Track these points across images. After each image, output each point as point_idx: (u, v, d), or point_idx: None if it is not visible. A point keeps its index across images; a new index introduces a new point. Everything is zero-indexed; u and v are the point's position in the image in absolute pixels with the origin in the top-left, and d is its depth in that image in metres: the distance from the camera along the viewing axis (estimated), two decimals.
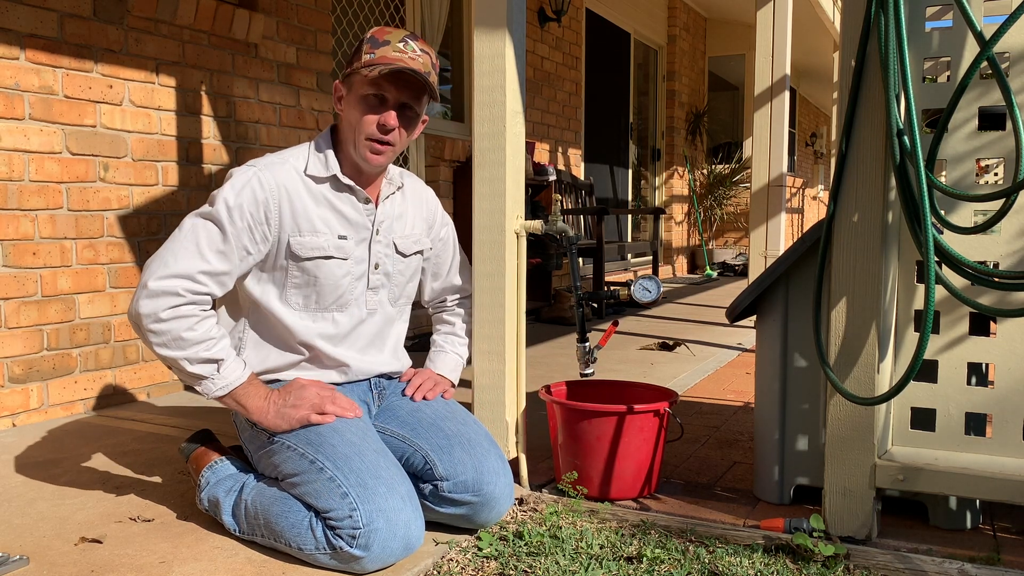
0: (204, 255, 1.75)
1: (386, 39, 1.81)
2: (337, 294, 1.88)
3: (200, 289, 1.75)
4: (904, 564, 1.68)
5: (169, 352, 1.73)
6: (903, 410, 1.86)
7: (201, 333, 1.73)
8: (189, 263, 1.74)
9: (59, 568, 1.68)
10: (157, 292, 1.71)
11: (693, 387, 3.42)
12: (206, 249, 1.75)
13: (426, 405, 1.95)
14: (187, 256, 1.74)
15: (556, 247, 5.11)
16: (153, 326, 1.71)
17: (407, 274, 2.01)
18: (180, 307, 1.72)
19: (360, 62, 1.80)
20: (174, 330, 1.71)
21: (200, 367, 1.74)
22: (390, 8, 4.84)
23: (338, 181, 1.86)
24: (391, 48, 1.80)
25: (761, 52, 4.55)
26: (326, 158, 1.87)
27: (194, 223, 1.77)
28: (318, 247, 1.83)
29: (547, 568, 1.66)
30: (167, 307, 1.71)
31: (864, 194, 1.77)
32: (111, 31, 3.02)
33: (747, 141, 10.73)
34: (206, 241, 1.76)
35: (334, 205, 1.86)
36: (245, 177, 1.79)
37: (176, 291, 1.72)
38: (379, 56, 1.79)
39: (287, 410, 1.77)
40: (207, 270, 1.75)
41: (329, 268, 1.85)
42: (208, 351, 1.74)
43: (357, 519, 1.60)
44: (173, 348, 1.72)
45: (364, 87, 1.80)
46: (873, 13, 1.70)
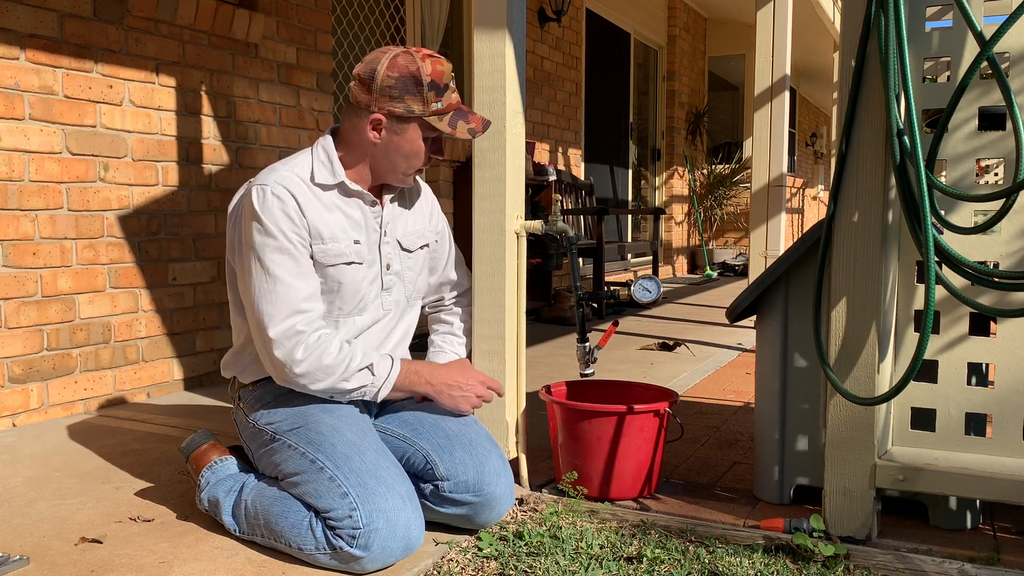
0: (292, 284, 1.76)
1: (445, 82, 1.81)
2: (358, 298, 1.89)
3: (312, 315, 1.78)
4: (904, 564, 1.68)
5: (324, 384, 1.76)
6: (903, 410, 1.86)
7: (337, 351, 1.76)
8: (288, 299, 1.75)
9: (59, 568, 1.68)
10: (282, 338, 1.74)
11: (693, 387, 3.42)
12: (290, 278, 1.76)
13: (427, 405, 1.95)
14: (281, 295, 1.75)
15: (556, 247, 5.11)
16: (297, 369, 1.74)
17: (416, 269, 2.02)
18: (308, 341, 1.74)
19: (429, 109, 1.80)
20: (313, 362, 1.74)
21: (357, 379, 1.78)
22: (390, 8, 4.84)
23: (346, 187, 1.86)
24: (453, 92, 1.84)
25: (761, 52, 4.55)
26: (332, 165, 1.85)
27: (265, 260, 1.76)
28: (340, 253, 1.84)
29: (547, 568, 1.66)
30: (300, 346, 1.74)
31: (864, 194, 1.77)
32: (111, 31, 3.02)
33: (747, 141, 10.73)
34: (285, 272, 1.76)
35: (344, 211, 1.86)
36: (268, 199, 1.76)
37: (296, 329, 1.74)
38: (446, 104, 1.82)
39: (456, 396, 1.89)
40: (305, 295, 1.78)
41: (351, 273, 1.86)
42: (354, 362, 1.77)
43: (357, 519, 1.60)
44: (322, 378, 1.75)
45: (432, 131, 1.84)
46: (873, 13, 1.70)
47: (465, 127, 1.84)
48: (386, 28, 4.83)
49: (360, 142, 1.85)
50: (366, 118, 1.82)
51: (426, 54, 1.81)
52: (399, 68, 1.78)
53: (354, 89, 1.84)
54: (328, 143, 1.88)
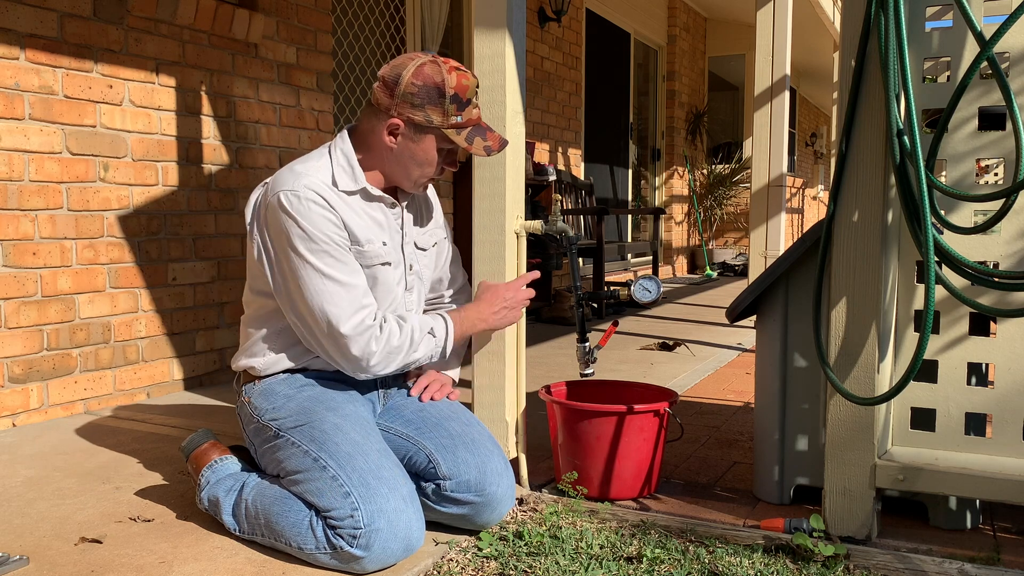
0: (348, 283, 1.79)
1: (468, 97, 1.81)
2: (391, 298, 1.91)
3: (373, 307, 1.83)
4: (904, 564, 1.69)
5: (398, 363, 1.85)
6: (903, 410, 1.86)
7: (399, 332, 1.84)
8: (350, 297, 1.79)
9: (59, 568, 1.68)
10: (355, 333, 1.79)
11: (693, 387, 3.42)
12: (345, 277, 1.79)
13: (431, 405, 1.95)
14: (342, 294, 1.78)
15: (556, 247, 5.11)
16: (374, 360, 1.81)
17: (431, 268, 2.06)
18: (377, 333, 1.80)
19: (448, 121, 1.81)
20: (386, 348, 1.81)
21: (424, 347, 1.87)
22: (390, 8, 4.84)
23: (368, 192, 1.87)
24: (473, 106, 1.84)
25: (761, 52, 4.55)
26: (353, 171, 1.85)
27: (314, 267, 1.77)
28: (376, 255, 1.86)
29: (547, 568, 1.66)
30: (372, 340, 1.80)
31: (864, 194, 1.78)
32: (111, 31, 3.02)
33: (747, 141, 10.73)
34: (339, 273, 1.78)
35: (370, 214, 1.87)
36: (302, 204, 1.76)
37: (366, 324, 1.80)
38: (466, 119, 1.83)
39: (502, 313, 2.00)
40: (363, 291, 1.81)
41: (386, 274, 1.88)
42: (418, 333, 1.85)
43: (358, 519, 1.60)
44: (394, 359, 1.83)
45: (448, 144, 1.85)
46: (873, 13, 1.70)
47: (482, 144, 1.85)
48: (386, 28, 4.83)
49: (377, 145, 1.86)
50: (384, 121, 1.82)
51: (453, 66, 1.81)
52: (424, 77, 1.78)
53: (377, 91, 1.83)
54: (347, 146, 1.87)
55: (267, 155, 3.69)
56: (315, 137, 3.93)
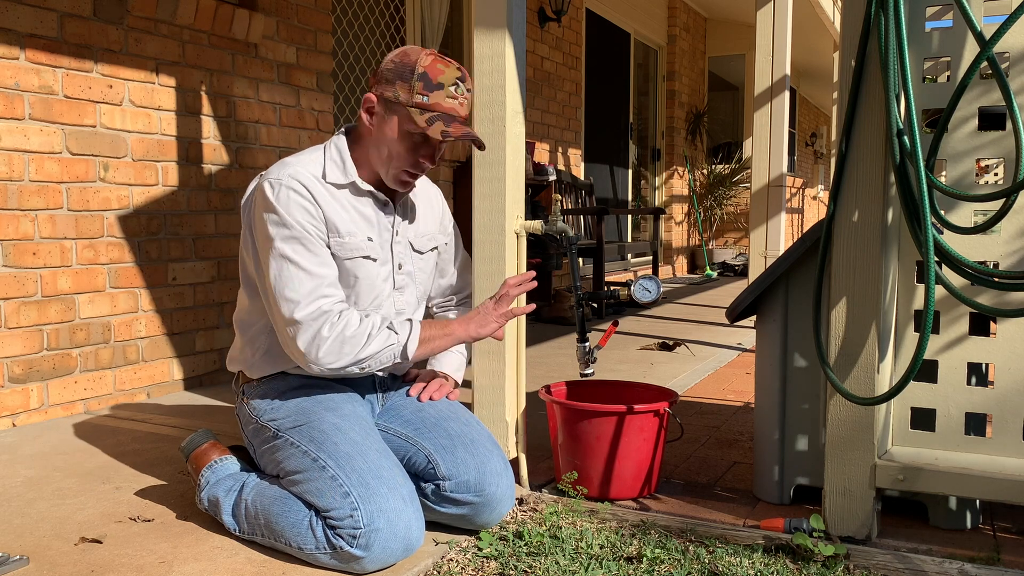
0: (314, 273, 1.76)
1: (440, 81, 1.78)
2: (373, 295, 1.89)
3: (336, 298, 1.77)
4: (904, 564, 1.69)
5: (346, 358, 1.74)
6: (903, 410, 1.86)
7: (356, 323, 1.75)
8: (311, 286, 1.75)
9: (59, 568, 1.68)
10: (309, 319, 1.73)
11: (693, 387, 3.42)
12: (312, 267, 1.76)
13: (430, 405, 1.95)
14: (304, 282, 1.75)
15: (556, 247, 5.11)
16: (323, 348, 1.73)
17: (427, 271, 2.03)
18: (332, 319, 1.74)
19: (411, 97, 1.78)
20: (337, 336, 1.73)
21: (380, 339, 1.76)
22: (390, 8, 4.84)
23: (357, 187, 1.86)
24: (446, 93, 1.78)
25: (761, 52, 4.55)
26: (343, 164, 1.86)
27: (282, 252, 1.75)
28: (356, 247, 1.84)
29: (547, 568, 1.66)
30: (326, 324, 1.73)
31: (864, 194, 1.77)
32: (111, 31, 3.02)
33: (747, 141, 10.73)
34: (307, 262, 1.76)
35: (357, 209, 1.86)
36: (283, 193, 1.76)
37: (322, 310, 1.74)
38: (433, 102, 1.78)
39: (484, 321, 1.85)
40: (328, 282, 1.78)
41: (368, 269, 1.86)
42: (374, 326, 1.76)
43: (358, 519, 1.60)
44: (347, 351, 1.74)
45: (410, 124, 1.80)
46: (873, 13, 1.70)
47: (440, 128, 1.78)
48: (386, 28, 4.83)
49: (364, 134, 1.87)
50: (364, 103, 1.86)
51: (437, 55, 1.82)
52: (402, 56, 1.82)
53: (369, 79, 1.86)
54: (341, 142, 1.89)
55: (267, 155, 3.69)
56: (315, 137, 3.93)
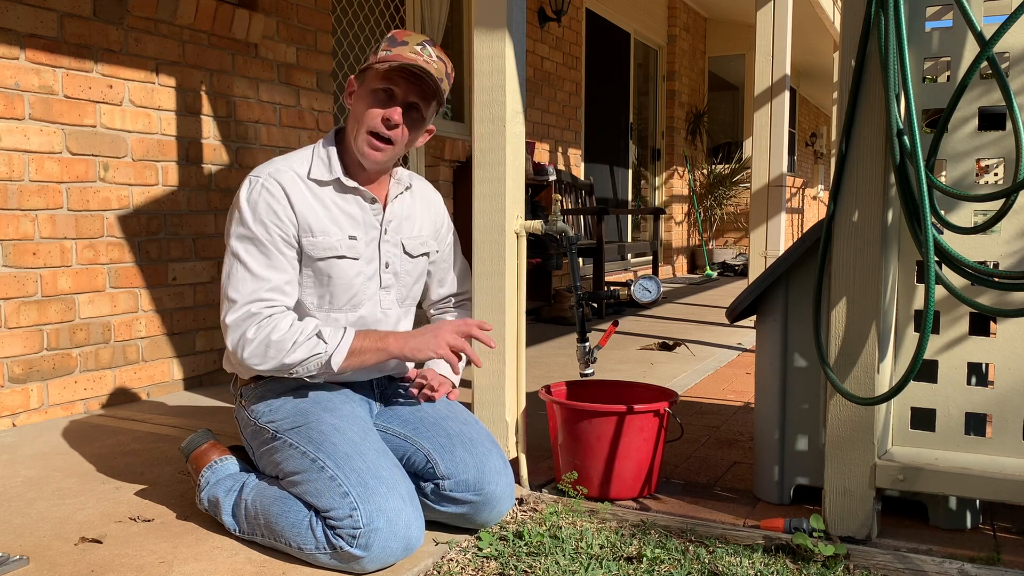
0: (259, 275, 1.78)
1: (404, 40, 1.84)
2: (350, 294, 1.89)
3: (272, 305, 1.78)
4: (904, 564, 1.69)
5: (272, 361, 1.75)
6: (903, 410, 1.86)
7: (285, 328, 1.76)
8: (252, 288, 1.77)
9: (59, 568, 1.68)
10: (238, 321, 1.76)
11: (693, 387, 3.42)
12: (259, 269, 1.78)
13: (428, 405, 1.95)
14: (247, 284, 1.78)
15: (556, 247, 5.11)
16: (248, 349, 1.75)
17: (414, 275, 2.02)
18: (261, 320, 1.76)
19: (376, 58, 1.83)
20: (262, 338, 1.75)
21: (306, 347, 1.75)
22: (390, 8, 4.84)
23: (342, 184, 1.86)
24: (408, 48, 1.83)
25: (761, 52, 4.55)
26: (329, 161, 1.87)
27: (240, 250, 1.79)
28: (330, 247, 1.84)
29: (547, 568, 1.66)
30: (252, 325, 1.75)
31: (864, 194, 1.77)
32: (111, 31, 3.02)
33: (747, 141, 10.73)
34: (254, 263, 1.78)
35: (340, 206, 1.87)
36: (255, 191, 1.80)
37: (250, 311, 1.76)
38: (395, 54, 1.82)
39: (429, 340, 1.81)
40: (270, 287, 1.79)
41: (342, 268, 1.86)
42: (303, 333, 1.76)
43: (358, 519, 1.60)
44: (272, 355, 1.75)
45: (375, 81, 1.82)
46: (873, 13, 1.70)
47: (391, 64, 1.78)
48: (386, 28, 4.83)
49: (348, 127, 1.89)
50: None
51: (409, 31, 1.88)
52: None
53: None
54: (330, 140, 1.91)
55: (267, 155, 3.69)
56: (315, 137, 3.93)
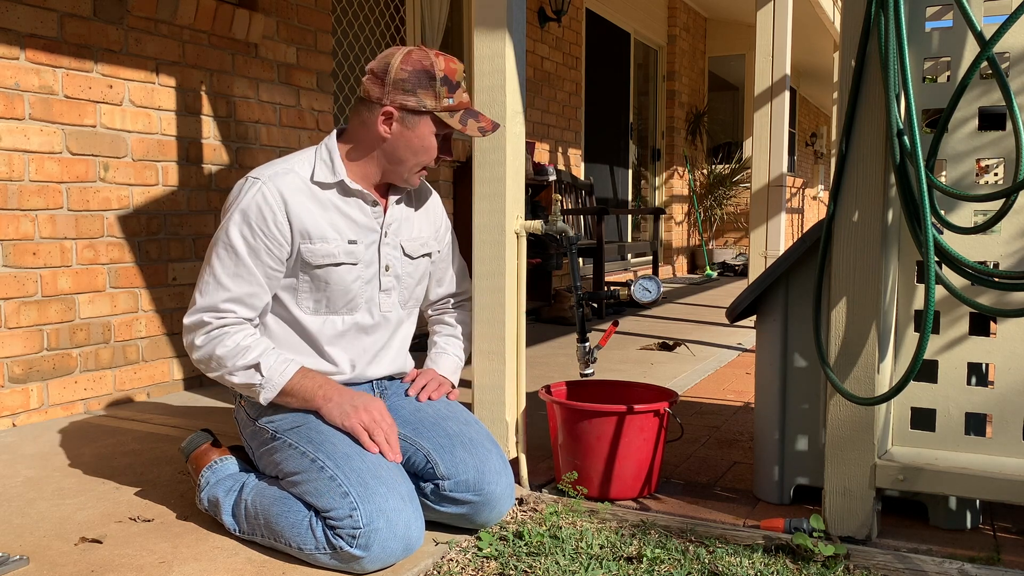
0: (222, 283, 1.79)
1: (457, 80, 1.83)
2: (348, 297, 1.88)
3: (226, 317, 1.79)
4: (904, 564, 1.69)
5: (215, 373, 1.81)
6: (903, 410, 1.86)
7: (232, 345, 1.78)
8: (212, 296, 1.79)
9: (59, 568, 1.68)
10: (190, 326, 1.80)
11: (693, 387, 3.42)
12: (224, 277, 1.79)
13: (428, 405, 1.95)
14: (209, 289, 1.80)
15: (556, 247, 5.11)
16: (195, 354, 1.81)
17: (416, 277, 2.01)
18: (210, 331, 1.79)
19: (440, 104, 1.81)
20: (208, 350, 1.79)
21: (244, 376, 1.78)
22: (390, 8, 4.84)
23: (345, 187, 1.86)
24: (462, 90, 1.84)
25: (761, 52, 4.55)
26: (332, 164, 1.85)
27: (215, 253, 1.80)
28: (328, 254, 1.83)
29: (547, 568, 1.66)
30: (201, 334, 1.79)
31: (864, 194, 1.77)
32: (111, 31, 3.02)
33: (747, 141, 10.73)
34: (222, 270, 1.79)
35: (342, 210, 1.86)
36: (250, 194, 1.79)
37: (203, 320, 1.79)
38: (457, 102, 1.83)
39: (349, 408, 1.78)
40: (229, 297, 1.79)
41: (339, 274, 1.85)
42: (244, 359, 1.77)
43: (357, 519, 1.60)
44: (215, 367, 1.80)
45: (440, 127, 1.84)
46: (873, 13, 1.70)
47: (476, 125, 1.84)
48: (386, 28, 4.83)
49: (368, 138, 1.85)
50: (377, 112, 1.82)
51: (438, 53, 1.83)
52: (413, 62, 1.79)
53: (366, 84, 1.84)
54: (332, 142, 1.88)
55: (267, 155, 3.69)
56: (315, 137, 3.93)
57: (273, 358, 1.79)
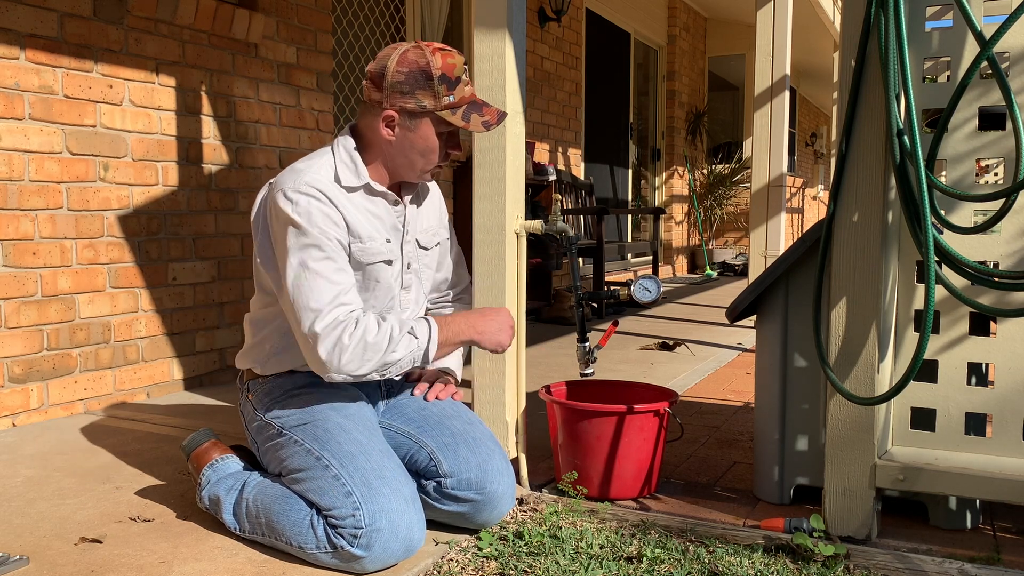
0: (333, 280, 1.74)
1: (457, 75, 1.79)
2: (390, 296, 1.90)
3: (351, 307, 1.74)
4: (904, 564, 1.69)
5: (374, 362, 1.72)
6: (903, 410, 1.86)
7: (375, 330, 1.72)
8: (330, 294, 1.72)
9: (59, 568, 1.68)
10: (326, 331, 1.70)
11: (693, 387, 3.42)
12: (330, 274, 1.74)
13: (433, 404, 1.95)
14: (323, 290, 1.72)
15: (556, 247, 5.11)
16: (345, 356, 1.70)
17: (432, 267, 2.04)
18: (348, 325, 1.71)
19: (440, 104, 1.78)
20: (359, 344, 1.70)
21: (403, 347, 1.74)
22: (390, 8, 4.84)
23: (371, 188, 1.85)
24: (463, 83, 1.80)
25: (761, 52, 4.55)
26: (356, 167, 1.84)
27: (301, 259, 1.74)
28: (377, 252, 1.84)
29: (547, 568, 1.66)
30: (344, 334, 1.70)
31: (864, 194, 1.78)
32: (111, 31, 3.02)
33: (747, 141, 10.73)
34: (325, 268, 1.74)
35: (371, 211, 1.85)
36: (302, 201, 1.74)
37: (339, 320, 1.71)
38: (459, 98, 1.79)
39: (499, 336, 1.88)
40: (342, 290, 1.74)
41: (387, 272, 1.87)
42: (397, 332, 1.73)
43: (360, 518, 1.60)
44: (370, 356, 1.71)
45: (445, 126, 1.81)
46: (873, 13, 1.70)
47: (479, 120, 1.81)
48: (386, 28, 4.83)
49: (376, 141, 1.85)
50: (379, 116, 1.81)
51: (437, 48, 1.79)
52: (408, 63, 1.77)
53: (366, 87, 1.83)
54: (349, 143, 1.86)
55: (267, 155, 3.69)
56: (315, 137, 3.93)
57: (412, 320, 1.80)
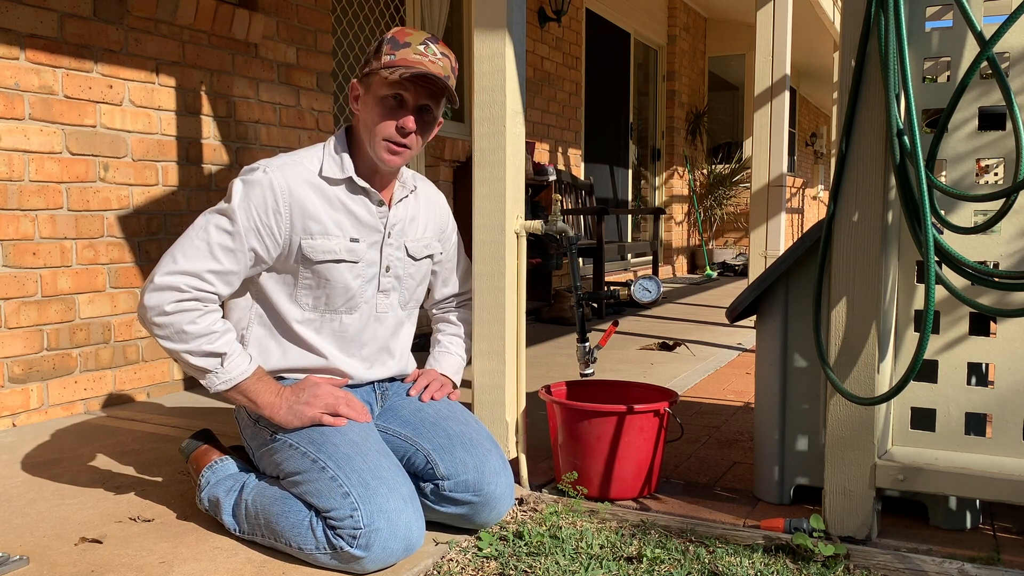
0: (214, 254, 1.75)
1: (407, 40, 1.80)
2: (347, 296, 1.88)
3: (206, 288, 1.75)
4: (904, 564, 1.69)
5: (172, 345, 1.74)
6: (903, 410, 1.86)
7: (203, 327, 1.74)
8: (198, 262, 1.74)
9: (59, 568, 1.68)
10: (162, 287, 1.72)
11: (693, 387, 3.42)
12: (216, 248, 1.75)
13: (429, 405, 1.95)
14: (196, 255, 1.75)
15: (556, 247, 5.11)
16: (157, 319, 1.72)
17: (417, 278, 2.01)
18: (183, 302, 1.73)
19: (380, 63, 1.79)
20: (176, 323, 1.72)
21: (203, 360, 1.74)
22: (390, 8, 4.84)
23: (353, 183, 1.85)
24: (412, 51, 1.79)
25: (761, 52, 4.55)
26: (341, 160, 1.86)
27: (207, 220, 1.77)
28: (329, 251, 1.83)
29: (547, 568, 1.66)
30: (171, 301, 1.72)
31: (864, 194, 1.77)
32: (111, 31, 3.02)
33: (747, 141, 10.73)
34: (216, 239, 1.75)
35: (347, 207, 1.85)
36: (256, 178, 1.78)
37: (179, 286, 1.72)
38: (400, 58, 1.78)
39: (299, 407, 1.77)
40: (215, 269, 1.75)
41: (340, 271, 1.85)
42: (211, 345, 1.74)
43: (358, 519, 1.60)
44: (176, 341, 1.73)
45: (383, 88, 1.80)
46: (873, 13, 1.70)
47: (399, 71, 1.75)
48: (386, 28, 4.83)
49: (356, 125, 1.88)
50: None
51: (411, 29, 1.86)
52: (378, 40, 1.85)
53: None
54: (340, 137, 1.89)
55: (267, 155, 3.69)
56: (315, 137, 3.93)
57: (238, 353, 1.77)
